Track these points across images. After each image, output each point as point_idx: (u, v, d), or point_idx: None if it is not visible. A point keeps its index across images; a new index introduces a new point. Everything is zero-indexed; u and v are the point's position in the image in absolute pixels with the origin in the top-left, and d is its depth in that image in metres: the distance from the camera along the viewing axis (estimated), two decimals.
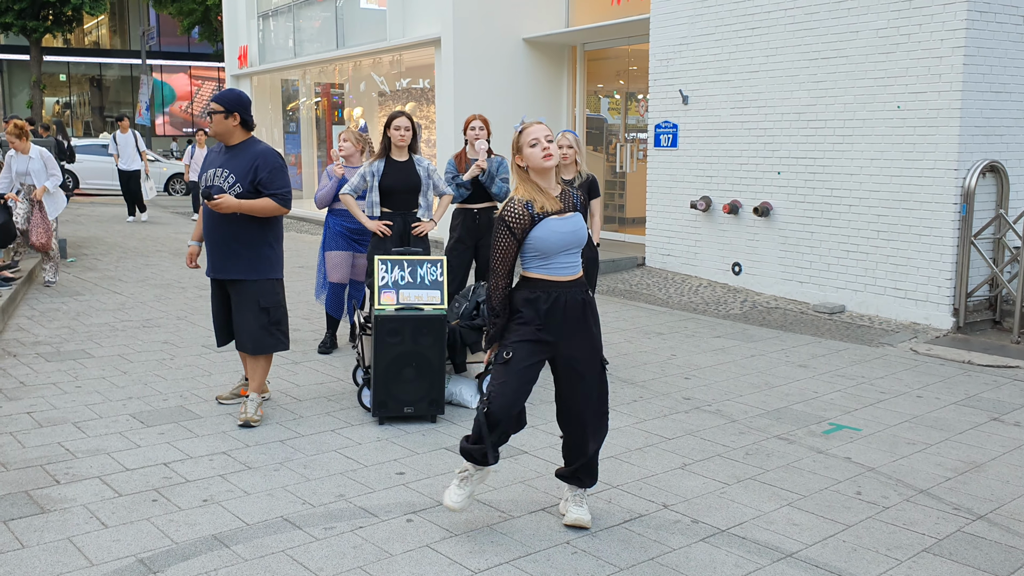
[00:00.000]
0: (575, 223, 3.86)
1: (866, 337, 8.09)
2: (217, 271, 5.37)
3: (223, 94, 5.34)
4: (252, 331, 5.36)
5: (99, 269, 11.29)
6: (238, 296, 5.37)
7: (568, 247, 3.83)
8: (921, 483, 4.62)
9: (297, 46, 18.34)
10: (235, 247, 5.28)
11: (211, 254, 5.37)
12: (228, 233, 5.27)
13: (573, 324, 3.86)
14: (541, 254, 3.81)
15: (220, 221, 5.28)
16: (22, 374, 6.39)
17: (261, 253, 5.34)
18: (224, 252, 5.30)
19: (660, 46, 11.04)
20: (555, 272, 3.84)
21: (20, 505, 4.15)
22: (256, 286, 5.33)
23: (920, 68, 8.33)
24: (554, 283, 3.84)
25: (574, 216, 3.88)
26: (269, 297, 5.38)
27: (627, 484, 4.54)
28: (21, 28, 32.01)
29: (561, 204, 3.86)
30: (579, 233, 3.87)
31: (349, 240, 7.08)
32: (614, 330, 8.21)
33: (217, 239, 5.30)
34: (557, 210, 3.82)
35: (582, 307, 3.89)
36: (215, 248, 5.32)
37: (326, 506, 4.20)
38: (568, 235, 3.82)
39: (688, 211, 10.83)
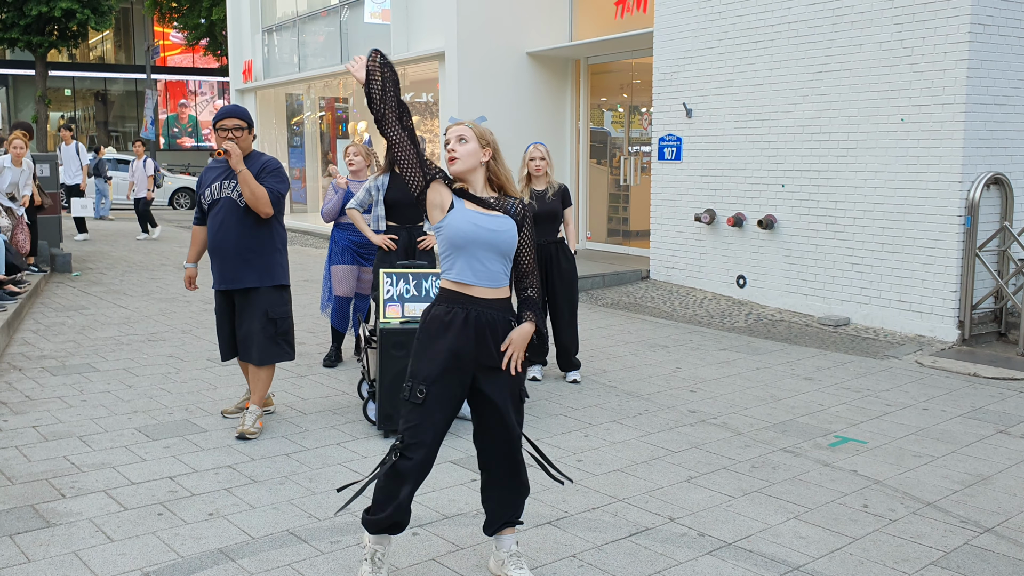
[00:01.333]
0: (499, 223, 3.36)
1: (871, 350, 8.08)
2: (228, 281, 5.32)
3: (240, 111, 5.33)
4: (259, 341, 5.34)
5: (104, 283, 11.31)
6: (246, 305, 5.35)
7: (484, 244, 3.33)
8: (928, 496, 4.61)
9: (301, 60, 18.41)
10: (247, 255, 5.27)
11: (220, 265, 5.32)
12: (239, 241, 5.25)
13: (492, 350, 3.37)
14: (452, 247, 3.34)
15: (230, 230, 5.25)
16: (28, 388, 6.40)
17: (272, 260, 5.36)
18: (236, 261, 5.27)
19: (664, 59, 11.08)
20: (469, 278, 3.34)
21: (26, 519, 4.14)
22: (266, 295, 5.32)
23: (924, 81, 8.34)
24: (470, 298, 3.36)
25: (500, 217, 3.38)
26: (278, 307, 5.38)
27: (633, 497, 4.53)
28: (27, 43, 32.13)
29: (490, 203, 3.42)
30: (501, 235, 3.34)
31: (355, 254, 7.10)
32: (618, 343, 8.21)
33: (228, 248, 5.26)
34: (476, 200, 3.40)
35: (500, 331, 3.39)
36: (225, 258, 5.28)
37: (332, 520, 4.20)
38: (486, 232, 3.33)
39: (692, 224, 10.83)
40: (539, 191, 6.70)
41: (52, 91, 36.95)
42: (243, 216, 5.27)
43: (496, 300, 3.39)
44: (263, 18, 20.13)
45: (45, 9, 30.82)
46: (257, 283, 5.31)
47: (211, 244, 5.35)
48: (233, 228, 5.26)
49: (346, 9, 16.66)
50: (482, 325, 3.35)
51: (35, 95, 34.64)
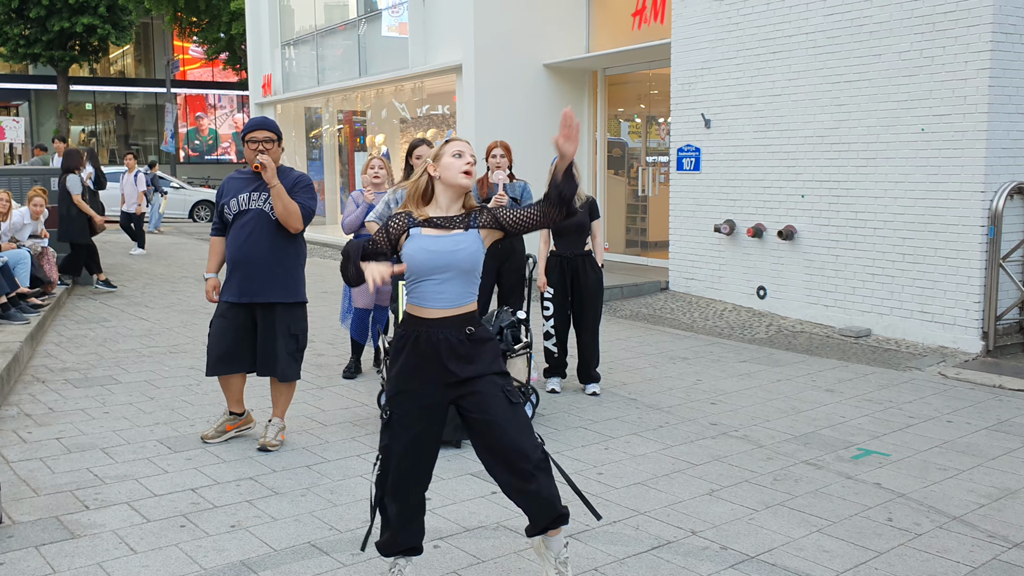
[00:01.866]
0: (456, 242, 3.29)
1: (893, 361, 8.02)
2: (252, 294, 5.21)
3: (270, 123, 5.28)
4: (282, 358, 5.29)
5: (125, 295, 11.39)
6: (271, 321, 5.26)
7: (437, 269, 3.27)
8: (954, 510, 4.56)
9: (320, 74, 18.52)
10: (275, 269, 5.20)
11: (243, 277, 5.19)
12: (268, 254, 5.18)
13: (447, 371, 3.30)
14: (411, 275, 3.31)
15: (260, 242, 5.17)
16: (51, 400, 6.44)
17: (297, 275, 5.33)
18: (263, 274, 5.18)
19: (682, 70, 11.07)
20: (423, 302, 3.31)
21: (51, 530, 4.17)
22: (289, 311, 5.28)
23: (944, 90, 8.30)
24: (422, 320, 3.31)
25: (459, 235, 3.31)
26: (299, 323, 5.36)
27: (654, 510, 4.51)
28: (49, 58, 32.53)
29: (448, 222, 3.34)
30: (457, 255, 3.27)
31: None
32: (638, 355, 8.19)
33: (254, 260, 5.16)
34: (439, 224, 3.33)
35: (456, 347, 3.30)
36: (251, 270, 5.17)
37: (353, 532, 4.20)
38: (438, 254, 3.26)
39: (712, 235, 10.81)
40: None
41: (73, 105, 37.33)
42: (274, 229, 5.21)
43: (449, 319, 3.31)
44: (282, 32, 20.27)
45: (67, 24, 31.21)
46: (282, 298, 5.25)
47: (235, 255, 5.21)
48: (263, 240, 5.18)
49: (364, 23, 16.75)
50: (433, 345, 3.30)
51: (57, 109, 35.02)
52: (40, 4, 30.74)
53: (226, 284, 5.30)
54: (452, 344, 3.30)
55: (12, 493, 4.62)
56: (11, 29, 31.48)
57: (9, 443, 5.45)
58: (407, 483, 3.39)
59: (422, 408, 3.36)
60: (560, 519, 3.37)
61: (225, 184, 5.38)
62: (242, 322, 5.29)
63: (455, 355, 3.31)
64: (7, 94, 38.07)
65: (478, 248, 3.33)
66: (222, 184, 5.39)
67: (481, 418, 3.30)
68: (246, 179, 5.30)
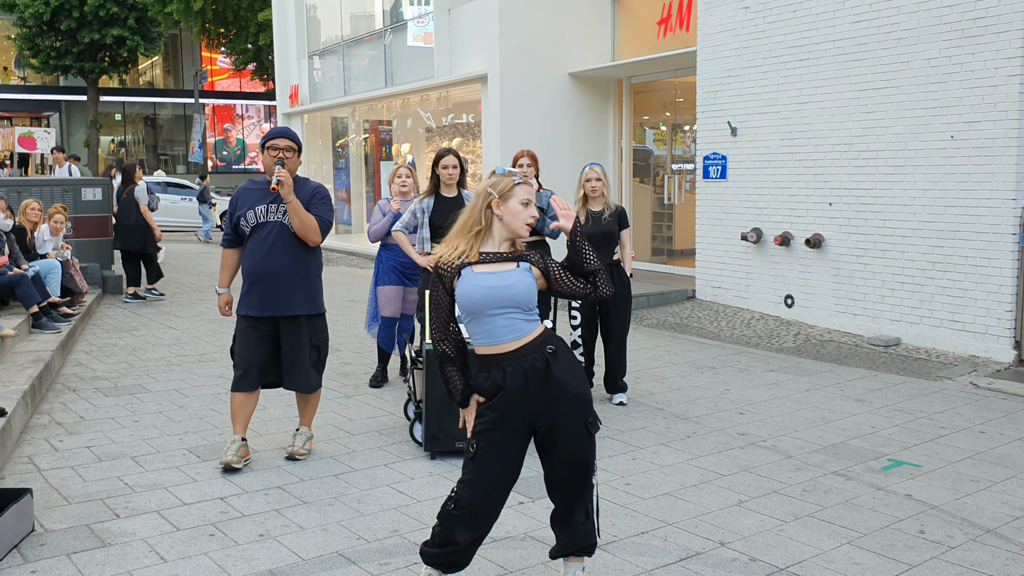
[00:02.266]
0: (510, 277, 3.29)
1: (923, 371, 7.94)
2: (276, 307, 5.16)
3: (291, 132, 5.24)
4: (306, 370, 5.28)
5: (154, 305, 11.49)
6: (294, 333, 5.23)
7: (496, 305, 3.28)
8: (987, 522, 4.50)
9: (346, 84, 18.63)
10: (296, 281, 5.18)
11: (264, 291, 5.14)
12: (290, 266, 5.15)
13: (538, 393, 3.30)
14: (469, 315, 3.33)
15: (281, 255, 5.14)
16: (82, 409, 6.51)
17: (317, 287, 5.32)
18: (285, 287, 5.15)
19: (707, 78, 11.04)
20: (495, 340, 3.32)
21: (82, 538, 4.20)
22: (312, 322, 5.29)
23: (974, 97, 8.23)
24: (500, 356, 3.32)
25: (512, 271, 3.32)
26: (321, 334, 5.36)
27: (682, 521, 4.49)
28: (79, 70, 32.98)
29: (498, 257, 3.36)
30: (512, 288, 3.28)
31: (401, 275, 7.14)
32: (665, 364, 8.16)
33: (276, 273, 5.13)
34: (489, 259, 3.34)
35: (544, 372, 3.30)
36: (273, 283, 5.13)
37: (380, 541, 4.20)
38: (493, 289, 3.27)
39: (739, 243, 10.76)
40: (595, 212, 6.67)
41: (103, 116, 37.79)
42: (294, 241, 5.17)
43: (526, 347, 3.32)
44: (309, 43, 20.42)
45: (97, 36, 31.63)
46: (305, 310, 5.22)
47: (255, 268, 5.14)
48: (284, 253, 5.14)
49: (389, 33, 16.84)
50: (520, 378, 3.30)
51: (87, 120, 35.45)
52: (71, 16, 31.18)
53: (245, 298, 5.22)
54: (538, 370, 3.30)
55: (44, 501, 4.66)
56: (43, 41, 31.94)
57: (41, 451, 5.50)
58: (487, 514, 3.37)
59: (512, 438, 3.34)
60: (587, 549, 3.51)
61: (239, 195, 5.27)
62: (266, 335, 5.24)
63: (542, 380, 3.30)
64: (39, 105, 38.60)
65: (532, 282, 3.33)
66: (235, 195, 5.30)
67: (559, 445, 3.35)
68: (262, 190, 5.24)
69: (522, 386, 3.29)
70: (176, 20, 29.63)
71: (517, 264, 3.34)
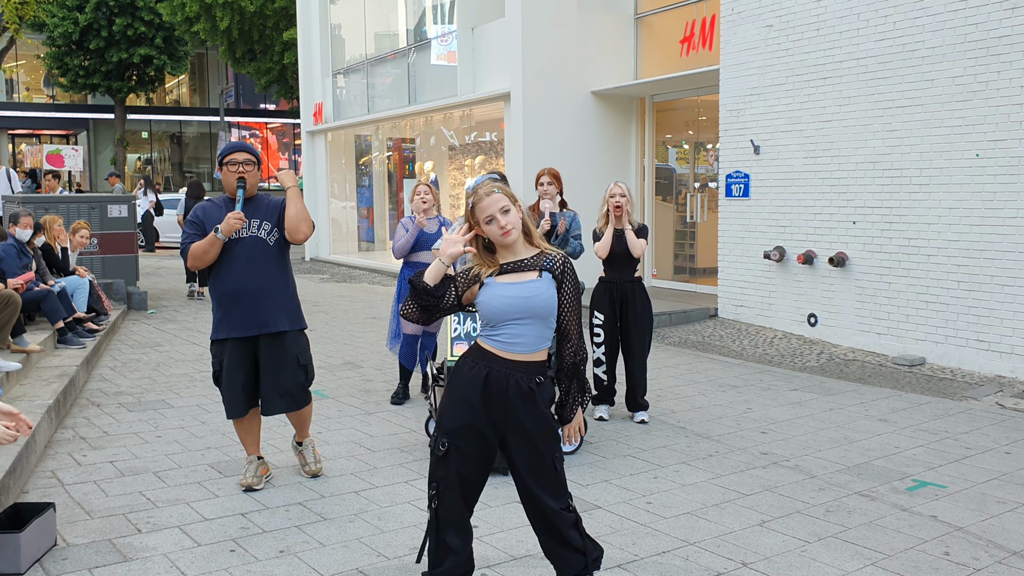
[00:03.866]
0: (531, 288, 3.30)
1: (948, 390, 7.86)
2: (257, 326, 4.98)
3: (249, 146, 5.09)
4: (290, 389, 5.08)
5: (178, 320, 11.57)
6: (277, 352, 5.04)
7: (515, 315, 3.29)
8: (1014, 544, 4.44)
9: (370, 102, 18.76)
10: (277, 297, 5.03)
11: (244, 309, 4.96)
12: (269, 282, 5.01)
13: (511, 413, 3.33)
14: (487, 321, 3.36)
15: (258, 270, 4.98)
16: (105, 424, 6.55)
17: (296, 302, 5.18)
18: (266, 303, 4.99)
19: (730, 96, 11.03)
20: (499, 345, 3.34)
21: (104, 553, 4.22)
22: (295, 339, 5.11)
23: (999, 115, 8.17)
24: (495, 358, 3.34)
25: (534, 281, 3.32)
26: (305, 352, 5.18)
27: (704, 541, 4.45)
28: (107, 89, 33.41)
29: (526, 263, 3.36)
30: (533, 300, 3.29)
31: None
32: (687, 383, 8.12)
33: (259, 289, 4.97)
34: (511, 269, 3.35)
35: (524, 393, 3.32)
36: (254, 300, 4.96)
37: (400, 559, 4.20)
38: (515, 300, 3.28)
39: (761, 261, 10.71)
40: (619, 230, 6.68)
41: (130, 134, 38.23)
42: (272, 255, 5.04)
43: (524, 363, 3.34)
44: (333, 61, 20.59)
45: (125, 55, 32.06)
46: (288, 326, 5.06)
47: (236, 286, 4.95)
48: (262, 268, 4.99)
49: (413, 52, 16.95)
50: (501, 386, 3.32)
51: (114, 138, 35.87)
52: (99, 36, 31.63)
53: (223, 320, 5.01)
54: (521, 389, 3.33)
55: (67, 515, 4.70)
56: (71, 60, 32.41)
57: (65, 466, 5.55)
58: (462, 514, 3.40)
59: (480, 442, 3.37)
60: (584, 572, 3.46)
61: (204, 215, 5.03)
62: (249, 358, 5.07)
63: (522, 400, 3.33)
64: (67, 123, 39.10)
65: (553, 293, 3.35)
66: (197, 213, 5.05)
67: (524, 471, 3.37)
68: (230, 206, 5.04)
69: (496, 395, 3.32)
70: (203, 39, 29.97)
71: (539, 274, 3.33)
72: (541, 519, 3.41)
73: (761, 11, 10.55)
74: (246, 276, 4.96)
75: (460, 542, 3.39)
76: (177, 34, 31.65)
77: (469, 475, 3.37)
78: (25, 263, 8.82)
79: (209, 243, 4.90)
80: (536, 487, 3.36)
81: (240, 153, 5.02)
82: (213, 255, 4.94)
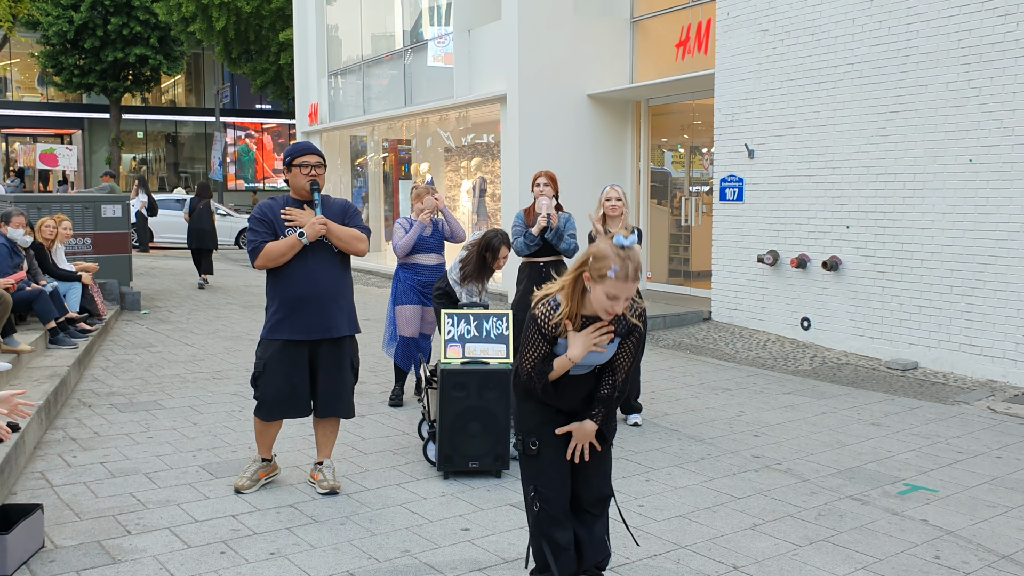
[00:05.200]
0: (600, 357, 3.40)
1: (941, 395, 7.87)
2: (323, 330, 4.96)
3: (316, 148, 5.05)
4: (346, 394, 5.11)
5: (171, 321, 11.55)
6: (336, 356, 5.05)
7: (585, 366, 3.42)
8: (1003, 548, 4.45)
9: (366, 103, 18.75)
10: (340, 302, 5.01)
11: (310, 313, 4.91)
12: (334, 286, 4.98)
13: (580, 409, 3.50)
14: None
15: (324, 274, 4.95)
16: (96, 424, 6.53)
17: (353, 306, 5.18)
18: (331, 308, 4.96)
19: (725, 101, 11.05)
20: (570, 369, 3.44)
21: (92, 555, 4.21)
22: (351, 343, 5.12)
23: (992, 121, 8.19)
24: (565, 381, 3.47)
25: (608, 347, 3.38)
26: (357, 356, 5.20)
27: (696, 544, 4.45)
28: (102, 88, 33.36)
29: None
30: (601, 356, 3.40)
31: (419, 294, 7.15)
32: (680, 385, 8.12)
33: (326, 294, 4.94)
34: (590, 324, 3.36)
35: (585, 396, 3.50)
36: (320, 304, 4.92)
37: (391, 561, 4.19)
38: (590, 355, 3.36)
39: (755, 265, 10.72)
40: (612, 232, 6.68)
41: (125, 134, 38.18)
42: (336, 260, 5.02)
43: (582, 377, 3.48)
44: (329, 62, 20.59)
45: (120, 55, 32.03)
46: (350, 331, 5.07)
47: (304, 290, 4.90)
48: (330, 272, 4.97)
49: (410, 53, 16.95)
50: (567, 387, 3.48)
51: (109, 138, 35.82)
52: (95, 35, 31.58)
53: (285, 321, 4.94)
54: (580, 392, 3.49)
55: (55, 517, 4.68)
56: (66, 59, 32.36)
57: (54, 467, 5.53)
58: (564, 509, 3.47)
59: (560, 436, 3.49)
60: (602, 563, 3.56)
61: (270, 211, 4.97)
62: (304, 361, 5.02)
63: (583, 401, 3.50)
64: (62, 123, 39.03)
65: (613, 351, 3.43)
66: (263, 213, 4.98)
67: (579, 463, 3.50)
68: (297, 207, 5.02)
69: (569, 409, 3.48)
70: (198, 40, 29.95)
71: (613, 337, 3.35)
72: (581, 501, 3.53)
73: (756, 16, 10.57)
74: (312, 280, 4.93)
75: (568, 538, 3.45)
76: (173, 34, 31.63)
77: (561, 468, 3.46)
78: (17, 262, 8.79)
79: (289, 246, 4.87)
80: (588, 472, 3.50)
81: (313, 156, 4.97)
82: (289, 257, 4.90)
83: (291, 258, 4.90)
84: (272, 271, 4.98)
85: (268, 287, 5.06)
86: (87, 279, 10.22)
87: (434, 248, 7.24)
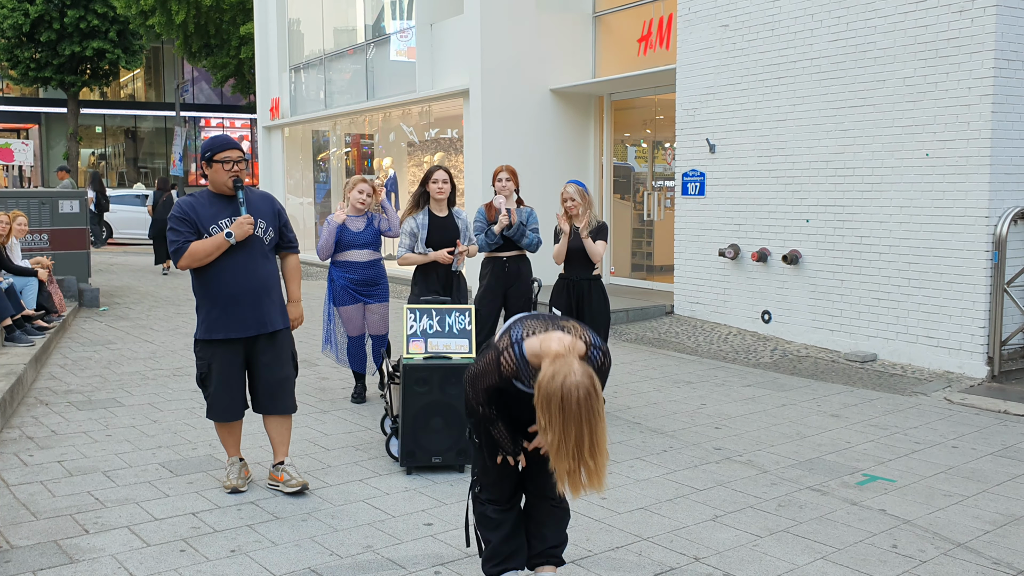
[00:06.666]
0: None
1: (899, 386, 7.99)
2: (258, 326, 4.90)
3: (238, 143, 4.94)
4: (290, 388, 5.08)
5: (131, 318, 11.41)
6: (275, 351, 4.99)
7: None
8: (959, 536, 4.53)
9: (328, 98, 18.62)
10: (273, 295, 4.97)
11: (243, 310, 4.84)
12: (267, 280, 4.93)
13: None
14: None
15: (259, 269, 4.89)
16: (54, 423, 6.44)
17: (283, 299, 5.13)
18: (265, 303, 4.91)
19: (686, 96, 11.11)
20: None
21: (49, 555, 4.15)
22: (287, 336, 5.09)
23: (948, 116, 8.31)
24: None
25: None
26: (294, 348, 5.17)
27: (657, 536, 4.48)
28: (60, 82, 32.80)
29: None
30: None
31: (355, 293, 7.03)
32: (643, 379, 8.16)
33: (261, 289, 4.89)
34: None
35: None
36: (255, 300, 4.86)
37: (353, 557, 4.18)
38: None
39: (716, 259, 10.80)
40: (575, 228, 6.71)
41: (83, 128, 37.57)
42: (267, 253, 4.97)
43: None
44: (291, 56, 20.42)
45: (78, 49, 31.49)
46: (283, 324, 5.04)
47: (239, 286, 4.83)
48: (262, 267, 4.91)
49: (372, 47, 16.86)
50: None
51: (67, 132, 35.26)
52: (51, 28, 31.01)
53: (220, 320, 4.85)
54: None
55: (11, 517, 4.61)
56: (22, 52, 31.74)
57: (10, 466, 5.44)
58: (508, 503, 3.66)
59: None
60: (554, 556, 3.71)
61: (191, 210, 4.80)
62: (241, 359, 4.97)
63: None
64: (18, 117, 38.34)
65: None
66: (183, 208, 4.81)
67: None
68: (219, 204, 4.88)
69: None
70: (158, 33, 29.55)
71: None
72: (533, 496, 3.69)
73: (717, 11, 10.63)
74: (247, 276, 4.85)
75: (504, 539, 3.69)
76: (132, 27, 31.14)
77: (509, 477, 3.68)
78: None
79: (216, 246, 4.77)
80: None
81: (235, 151, 4.84)
82: (215, 257, 4.80)
83: (223, 256, 4.81)
84: (199, 270, 4.87)
85: (197, 286, 4.94)
86: (43, 275, 10.06)
87: (367, 243, 6.98)
